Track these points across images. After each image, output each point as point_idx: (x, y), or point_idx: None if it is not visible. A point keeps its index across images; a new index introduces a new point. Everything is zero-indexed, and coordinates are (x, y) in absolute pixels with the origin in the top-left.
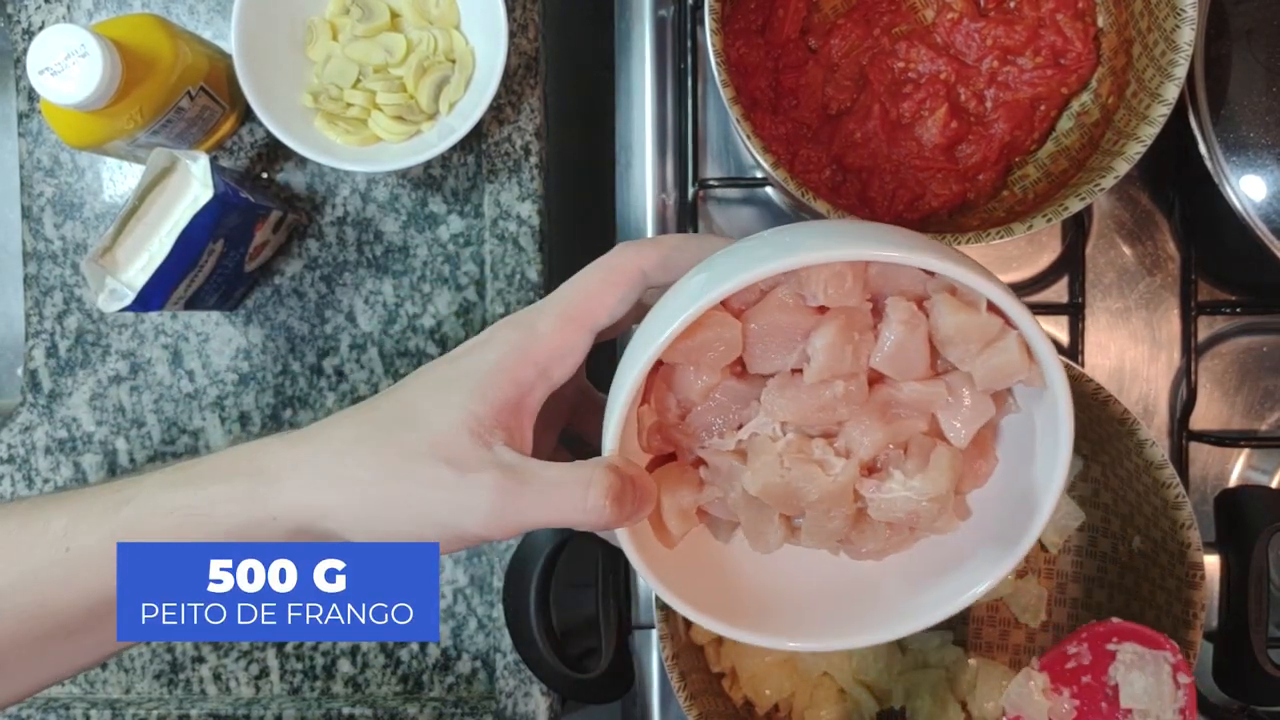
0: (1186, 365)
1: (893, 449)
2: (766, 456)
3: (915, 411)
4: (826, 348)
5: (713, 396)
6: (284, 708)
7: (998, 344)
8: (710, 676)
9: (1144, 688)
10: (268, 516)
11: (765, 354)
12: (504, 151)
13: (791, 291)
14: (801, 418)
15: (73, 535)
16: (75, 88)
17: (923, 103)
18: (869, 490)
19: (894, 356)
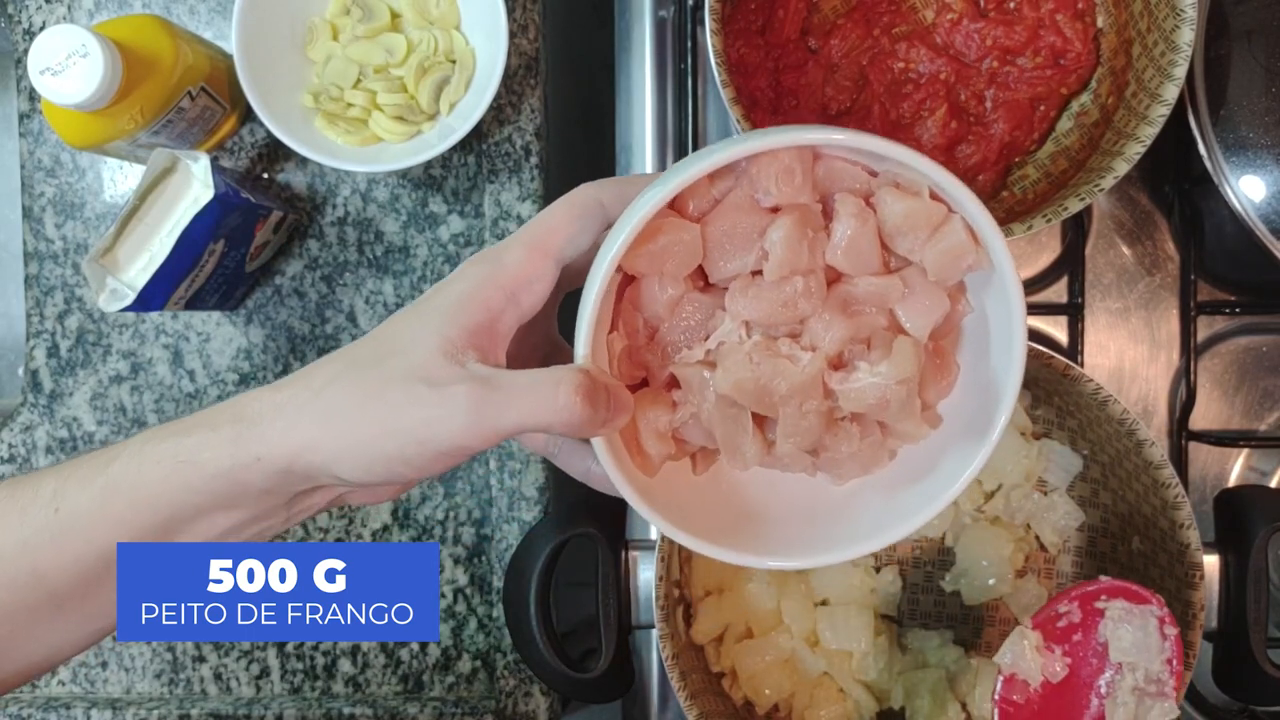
0: (1186, 365)
1: (857, 346)
2: (735, 356)
3: (874, 307)
4: (783, 240)
5: (679, 313)
6: (284, 707)
7: (943, 229)
8: (710, 676)
9: (1132, 641)
10: (252, 458)
11: (725, 257)
12: (504, 151)
13: (745, 194)
14: (765, 316)
15: (61, 496)
16: (76, 88)
17: (923, 103)
18: (837, 382)
19: (848, 250)
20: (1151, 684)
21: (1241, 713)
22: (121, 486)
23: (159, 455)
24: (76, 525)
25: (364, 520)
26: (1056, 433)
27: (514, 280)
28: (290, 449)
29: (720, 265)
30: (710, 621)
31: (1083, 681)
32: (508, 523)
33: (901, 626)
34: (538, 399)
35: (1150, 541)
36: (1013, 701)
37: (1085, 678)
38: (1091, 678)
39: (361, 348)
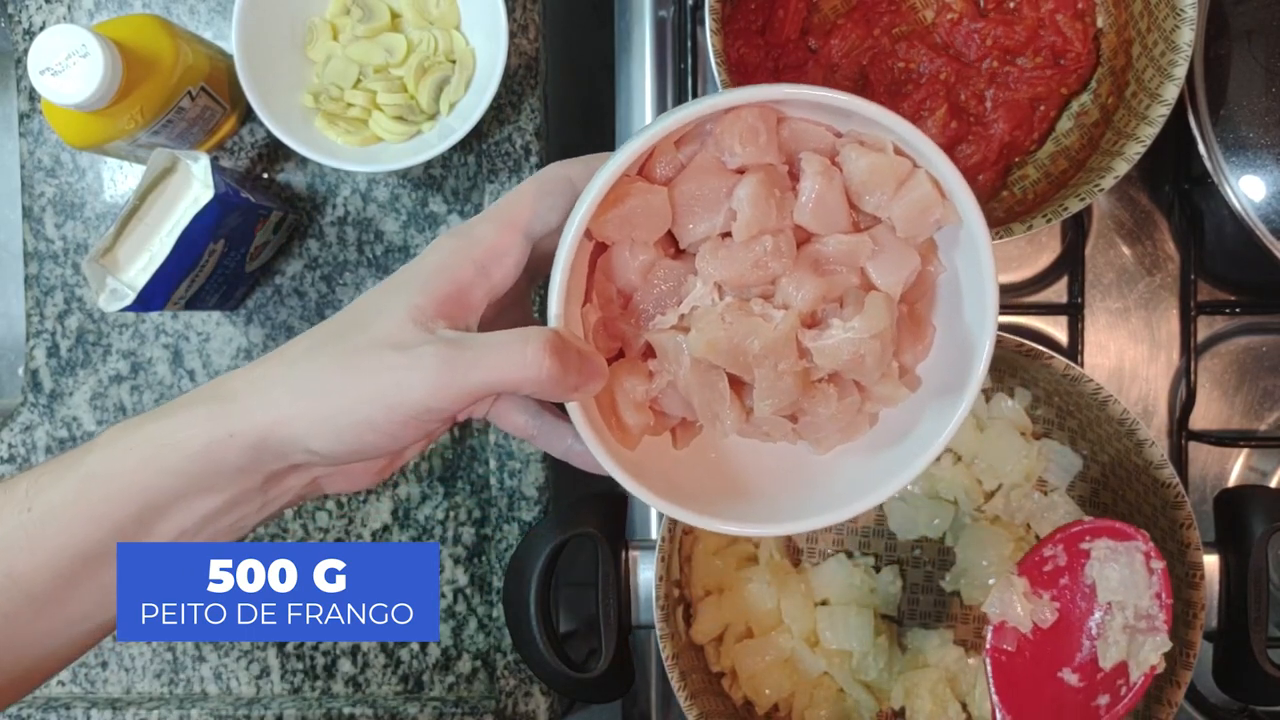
0: (1186, 365)
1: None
2: (708, 318)
3: (845, 266)
4: (750, 199)
5: (651, 280)
6: (284, 707)
7: (909, 183)
8: (710, 676)
9: (1120, 579)
10: (225, 434)
11: (694, 220)
12: (504, 151)
13: (710, 156)
14: (736, 277)
15: (34, 495)
16: (76, 88)
17: (923, 103)
18: (811, 340)
19: (815, 209)
20: (1142, 620)
21: (1241, 713)
22: (98, 477)
23: (133, 441)
24: (51, 523)
25: (364, 520)
26: (1056, 433)
27: (483, 253)
28: (264, 423)
29: (689, 228)
30: (710, 621)
31: (1073, 624)
32: (508, 523)
33: (901, 626)
34: (506, 356)
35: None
36: (1004, 650)
37: (1075, 620)
38: (1082, 620)
39: (335, 321)
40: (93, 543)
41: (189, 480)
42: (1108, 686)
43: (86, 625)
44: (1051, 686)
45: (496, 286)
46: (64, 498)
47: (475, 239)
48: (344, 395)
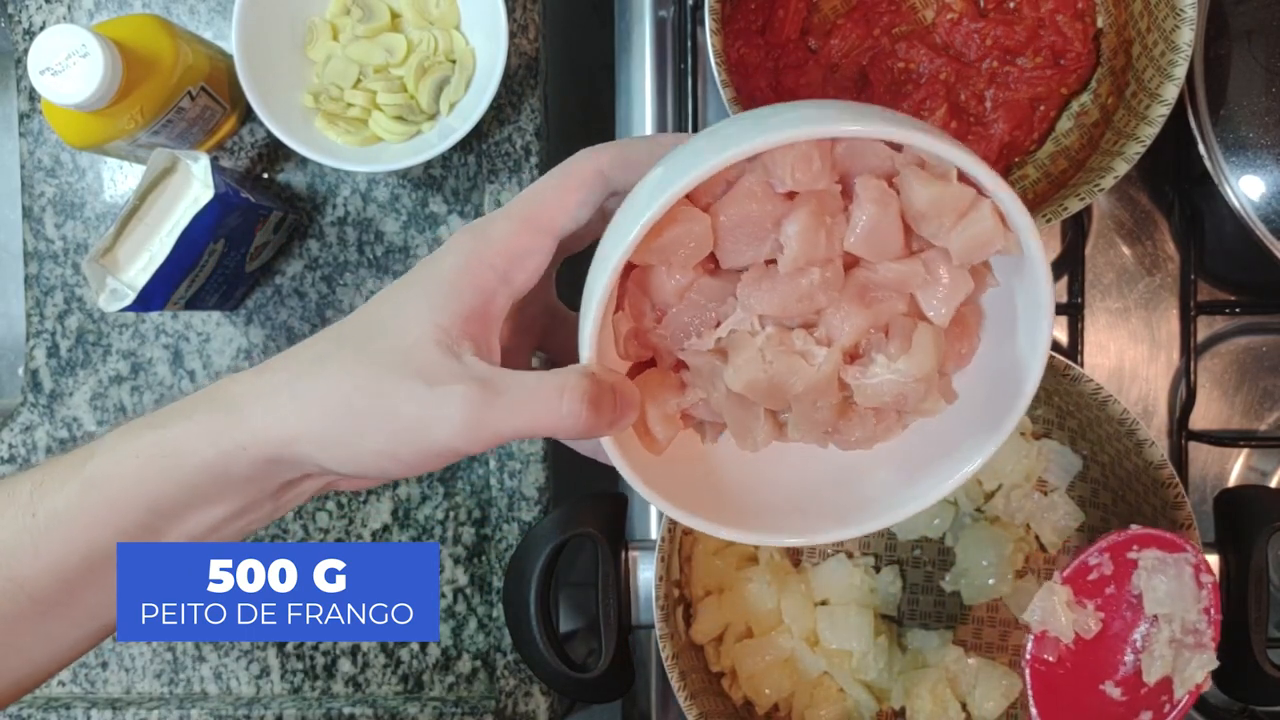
0: (1186, 365)
1: (874, 333)
2: (748, 352)
3: (893, 292)
4: (799, 234)
5: (688, 296)
6: (284, 707)
7: (972, 214)
8: (710, 676)
9: (1167, 591)
10: (237, 447)
11: (737, 247)
12: (504, 151)
13: (759, 179)
14: (780, 309)
15: (38, 498)
16: (76, 88)
17: (923, 103)
18: (853, 377)
19: (868, 237)
20: (1189, 634)
21: (1241, 713)
22: (99, 483)
23: (137, 449)
24: (55, 527)
25: (364, 520)
26: (1056, 433)
27: (505, 257)
28: (277, 438)
29: (733, 254)
30: (710, 621)
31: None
32: (508, 523)
33: (901, 626)
34: (541, 407)
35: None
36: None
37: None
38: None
39: (349, 327)
40: (98, 547)
41: (197, 490)
42: (1151, 702)
43: (90, 626)
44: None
45: (519, 290)
46: (68, 503)
47: (494, 240)
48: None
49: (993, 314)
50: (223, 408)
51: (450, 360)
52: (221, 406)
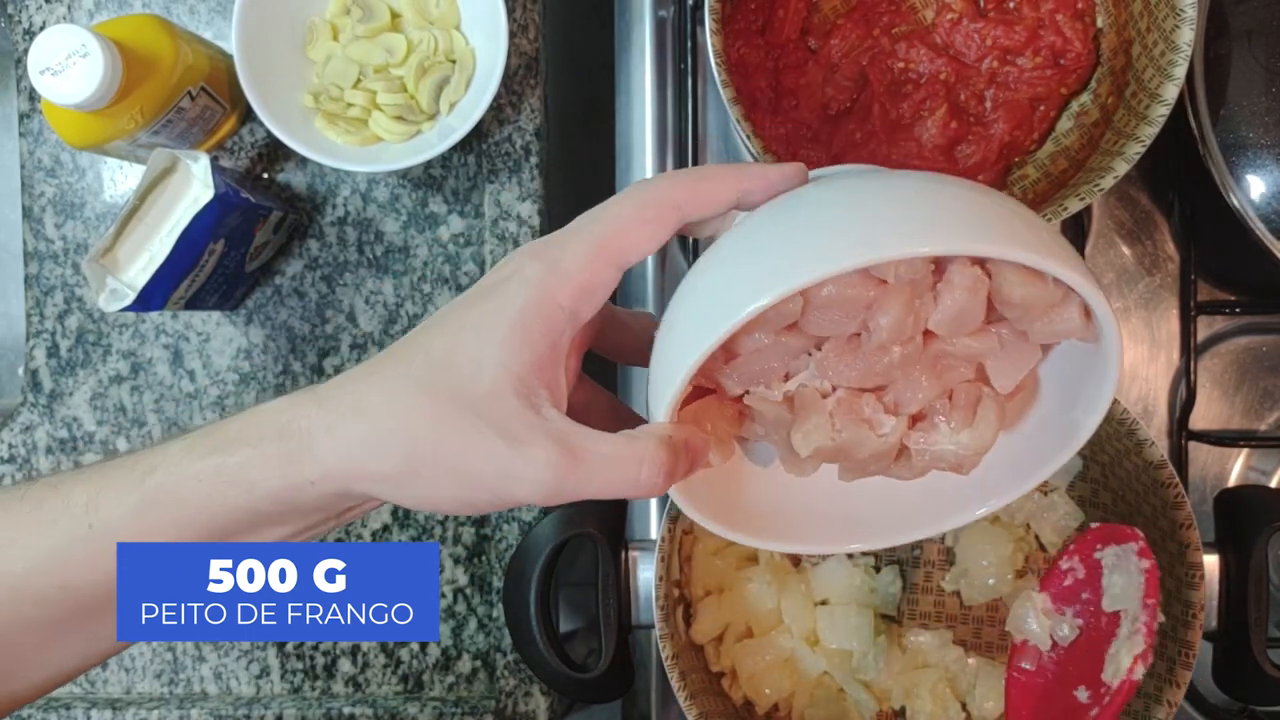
0: (1186, 365)
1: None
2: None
3: (964, 363)
4: (891, 325)
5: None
6: (284, 707)
7: (1060, 310)
8: (710, 676)
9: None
10: (305, 481)
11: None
12: (504, 151)
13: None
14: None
15: (95, 510)
16: (76, 88)
17: (923, 103)
18: (915, 442)
19: (954, 320)
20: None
21: (1241, 713)
22: (161, 502)
23: (200, 472)
24: (111, 538)
25: (364, 520)
26: None
27: (575, 295)
28: (347, 473)
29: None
30: (710, 621)
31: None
32: (508, 523)
33: (901, 626)
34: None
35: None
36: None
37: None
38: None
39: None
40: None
41: (260, 514)
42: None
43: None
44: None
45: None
46: (125, 518)
47: (564, 273)
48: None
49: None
50: (291, 439)
51: (529, 414)
52: (289, 437)
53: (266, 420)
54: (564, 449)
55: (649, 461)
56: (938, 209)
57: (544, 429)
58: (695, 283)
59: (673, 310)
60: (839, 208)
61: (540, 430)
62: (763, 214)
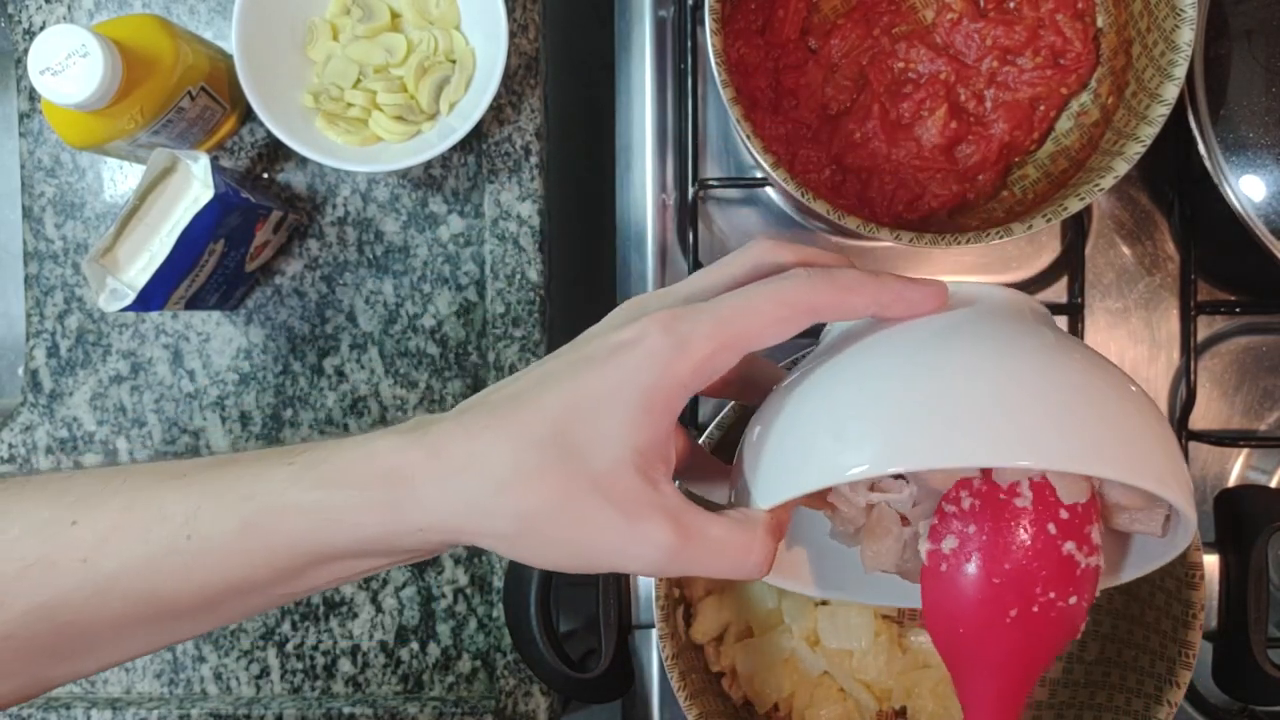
0: (1186, 365)
1: None
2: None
3: None
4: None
5: None
6: (284, 707)
7: (1146, 511)
8: (710, 676)
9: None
10: (414, 528)
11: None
12: (504, 151)
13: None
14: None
15: (192, 525)
16: (76, 88)
17: (922, 103)
18: None
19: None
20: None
21: (1241, 713)
22: (261, 527)
23: (304, 505)
24: (208, 557)
25: None
26: None
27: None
28: (457, 528)
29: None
30: (710, 621)
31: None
32: None
33: (902, 626)
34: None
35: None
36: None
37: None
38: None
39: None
40: (248, 579)
41: (358, 551)
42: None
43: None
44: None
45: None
46: (225, 538)
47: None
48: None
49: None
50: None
51: (648, 490)
52: (398, 485)
53: (374, 461)
54: (678, 529)
55: (756, 551)
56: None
57: (661, 506)
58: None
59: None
60: (982, 392)
61: (658, 508)
62: (899, 358)
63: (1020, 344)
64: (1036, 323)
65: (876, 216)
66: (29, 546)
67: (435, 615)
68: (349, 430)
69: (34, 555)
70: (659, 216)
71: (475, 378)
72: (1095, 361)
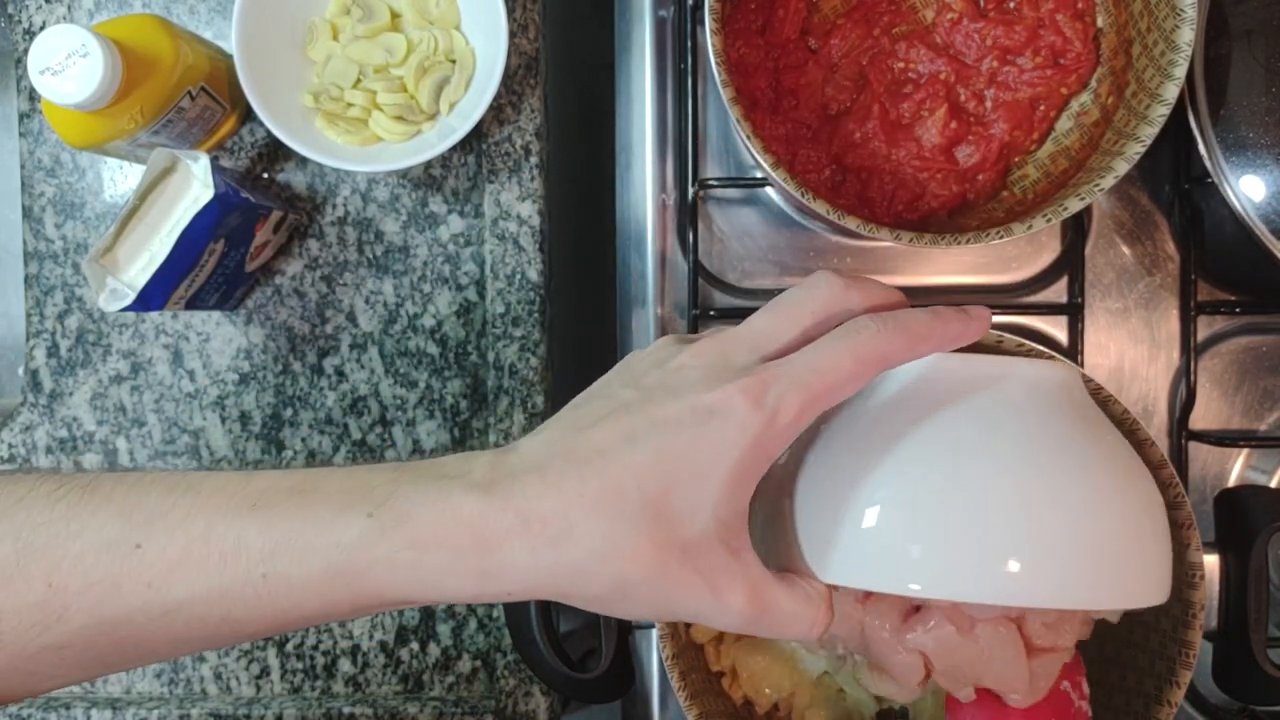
0: (1186, 365)
1: None
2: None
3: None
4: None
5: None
6: (284, 707)
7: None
8: (710, 676)
9: None
10: (503, 593)
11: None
12: (504, 151)
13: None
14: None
15: (271, 563)
16: (76, 88)
17: (922, 103)
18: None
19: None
20: None
21: (1241, 713)
22: (345, 576)
23: (393, 564)
24: (286, 595)
25: None
26: None
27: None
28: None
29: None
30: None
31: None
32: None
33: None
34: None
35: None
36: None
37: None
38: None
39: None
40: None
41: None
42: None
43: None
44: None
45: None
46: (305, 580)
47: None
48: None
49: None
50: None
51: (731, 561)
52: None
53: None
54: (755, 600)
55: (819, 624)
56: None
57: (743, 577)
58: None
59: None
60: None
61: (740, 579)
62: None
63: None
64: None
65: (876, 216)
66: (94, 565)
67: (435, 615)
68: (349, 430)
69: (98, 574)
70: (659, 216)
71: (475, 378)
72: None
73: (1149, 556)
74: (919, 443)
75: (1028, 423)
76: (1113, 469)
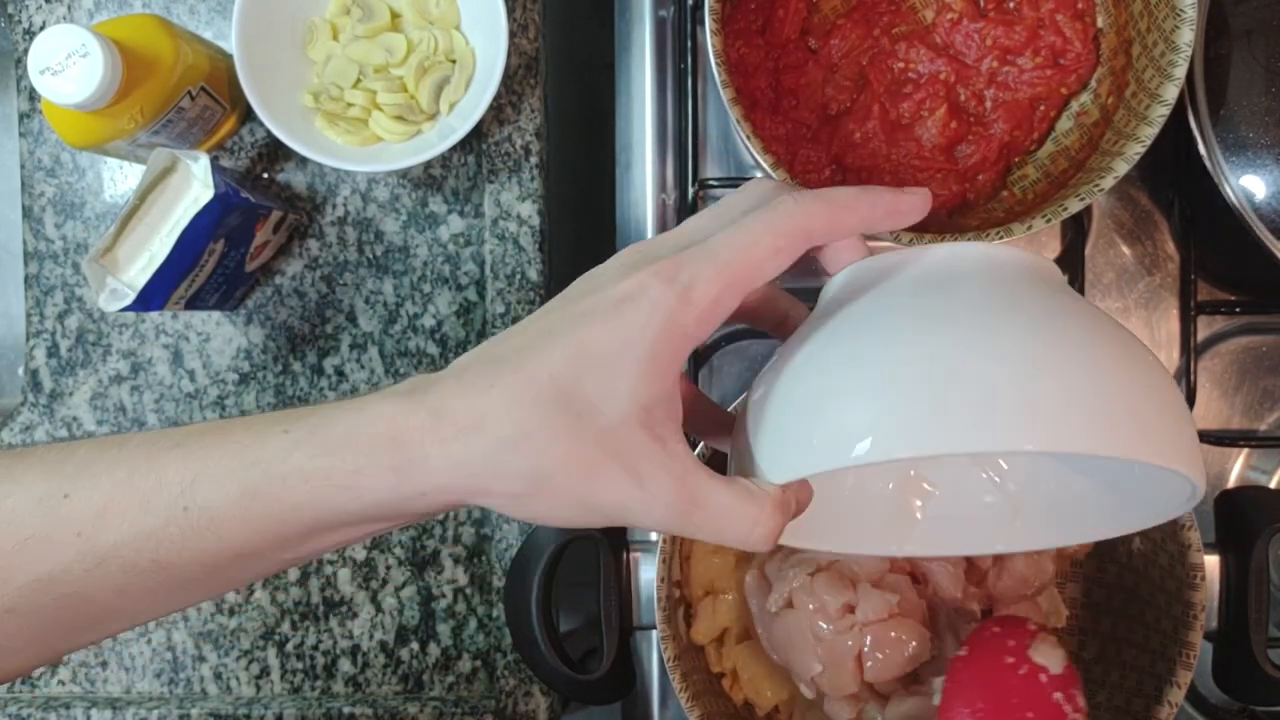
0: (1186, 365)
1: None
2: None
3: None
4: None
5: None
6: (284, 707)
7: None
8: (711, 677)
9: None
10: (420, 492)
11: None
12: (504, 151)
13: None
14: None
15: (191, 494)
16: (76, 88)
17: (922, 103)
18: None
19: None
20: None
21: (1241, 713)
22: (264, 496)
23: (308, 473)
24: (209, 526)
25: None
26: None
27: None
28: (463, 488)
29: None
30: (709, 622)
31: None
32: (508, 523)
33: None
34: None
35: (1150, 542)
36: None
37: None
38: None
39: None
40: (251, 546)
41: (363, 517)
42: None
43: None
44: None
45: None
46: (224, 506)
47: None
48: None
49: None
50: (404, 450)
51: (655, 448)
52: (402, 449)
53: (377, 425)
54: (684, 491)
55: (763, 524)
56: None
57: (668, 467)
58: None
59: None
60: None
61: (664, 468)
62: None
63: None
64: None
65: None
66: (25, 520)
67: (435, 615)
68: None
69: (30, 529)
70: (659, 216)
71: None
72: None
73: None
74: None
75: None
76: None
